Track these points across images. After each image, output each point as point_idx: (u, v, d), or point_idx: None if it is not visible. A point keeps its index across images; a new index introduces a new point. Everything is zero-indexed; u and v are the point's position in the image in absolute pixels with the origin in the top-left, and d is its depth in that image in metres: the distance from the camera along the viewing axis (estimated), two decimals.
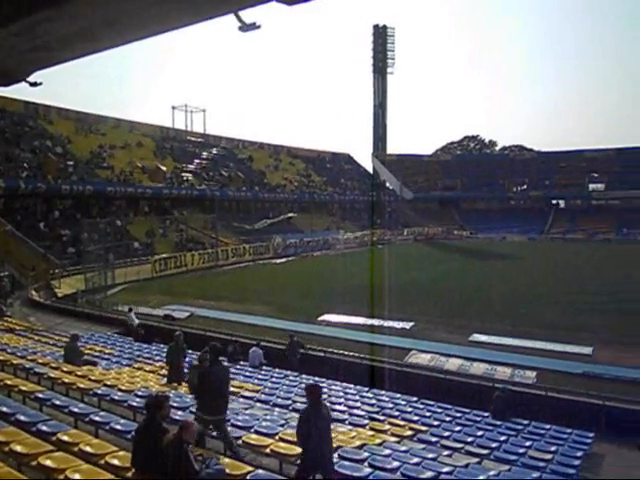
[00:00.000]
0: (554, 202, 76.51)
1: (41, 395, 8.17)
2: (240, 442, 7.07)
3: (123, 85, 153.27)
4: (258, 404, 10.06)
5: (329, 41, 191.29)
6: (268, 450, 6.78)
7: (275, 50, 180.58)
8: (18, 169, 36.80)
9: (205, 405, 6.93)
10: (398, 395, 11.99)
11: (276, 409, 9.71)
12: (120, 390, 9.30)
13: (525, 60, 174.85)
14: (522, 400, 11.55)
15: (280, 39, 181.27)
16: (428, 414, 10.69)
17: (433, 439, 8.80)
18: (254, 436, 7.24)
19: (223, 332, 17.27)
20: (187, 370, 10.43)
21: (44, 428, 6.29)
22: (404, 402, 11.50)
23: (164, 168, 48.64)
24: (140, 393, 9.02)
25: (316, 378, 12.87)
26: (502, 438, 9.22)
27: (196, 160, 57.71)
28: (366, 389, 12.41)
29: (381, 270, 31.79)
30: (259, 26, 4.59)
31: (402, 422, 9.81)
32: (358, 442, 7.87)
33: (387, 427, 9.29)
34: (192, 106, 68.56)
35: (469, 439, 8.96)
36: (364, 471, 6.25)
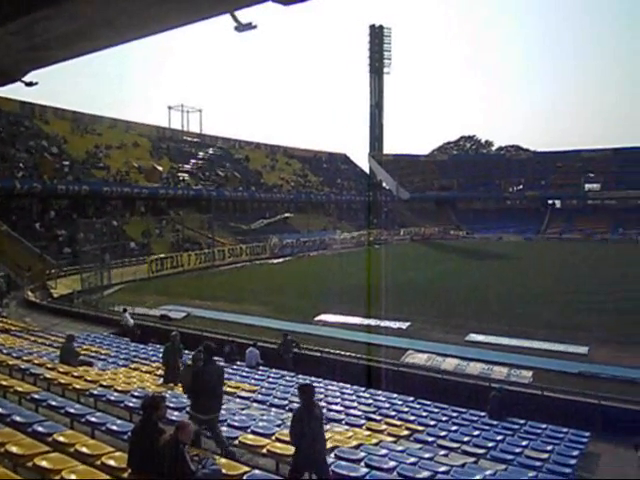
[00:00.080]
0: (550, 202, 76.64)
1: (37, 396, 8.14)
2: (237, 442, 7.07)
3: (121, 85, 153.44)
4: (255, 404, 10.06)
5: (325, 41, 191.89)
6: (264, 450, 6.78)
7: (271, 50, 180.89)
8: (14, 169, 36.67)
9: (199, 404, 6.94)
10: (395, 395, 12.03)
11: (273, 409, 9.71)
12: (116, 391, 9.28)
13: (522, 60, 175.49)
14: (518, 400, 11.57)
15: (277, 39, 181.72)
16: (425, 414, 10.71)
17: (430, 439, 8.82)
18: (250, 436, 7.24)
19: (220, 332, 17.26)
20: (181, 369, 10.41)
21: (40, 429, 6.27)
22: (401, 402, 11.53)
23: (160, 168, 48.53)
24: (136, 394, 9.00)
25: (313, 378, 12.89)
26: (498, 438, 9.26)
27: (192, 160, 57.61)
28: (363, 389, 12.44)
29: (378, 270, 31.85)
30: (255, 26, 4.61)
31: (399, 422, 9.84)
32: (355, 442, 7.88)
33: (384, 427, 9.31)
34: (188, 106, 68.72)
35: (465, 439, 8.99)
36: (361, 471, 6.26)
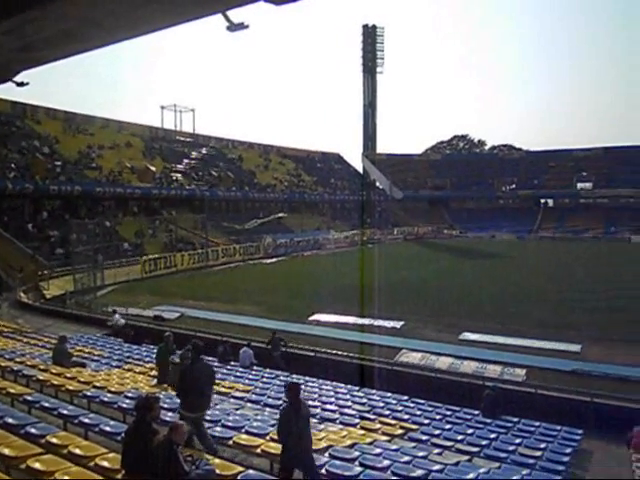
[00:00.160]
0: (543, 201, 76.92)
1: (30, 397, 8.11)
2: (231, 442, 7.07)
3: (113, 85, 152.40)
4: (249, 404, 10.06)
5: (318, 41, 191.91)
6: (259, 450, 6.79)
7: (264, 50, 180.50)
8: (5, 169, 36.43)
9: (186, 402, 6.95)
10: (389, 394, 12.05)
11: (267, 409, 9.70)
12: (110, 392, 9.25)
13: (516, 60, 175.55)
14: (512, 398, 11.61)
15: (269, 39, 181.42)
16: (419, 413, 10.74)
17: (424, 437, 8.84)
18: (245, 436, 7.24)
19: (213, 333, 17.22)
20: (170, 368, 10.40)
21: (33, 430, 6.24)
22: (395, 401, 11.55)
23: (153, 168, 48.33)
24: (130, 394, 8.98)
25: (307, 377, 12.91)
26: (492, 436, 9.30)
27: (185, 160, 57.44)
28: (357, 388, 12.46)
29: (371, 269, 31.89)
30: (247, 26, 4.61)
31: (393, 421, 9.86)
32: (349, 441, 7.90)
33: (378, 426, 9.33)
34: (181, 106, 68.31)
35: (459, 437, 9.02)
36: (355, 470, 6.27)
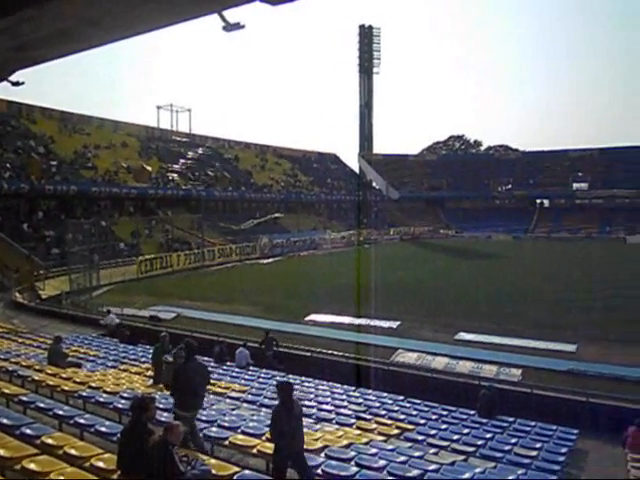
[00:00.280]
0: (538, 201, 77.11)
1: (25, 398, 8.09)
2: (227, 442, 7.06)
3: (110, 84, 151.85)
4: (245, 404, 10.07)
5: (315, 41, 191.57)
6: (255, 450, 6.79)
7: (261, 50, 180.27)
8: (1, 169, 36.29)
9: (180, 401, 6.94)
10: (385, 394, 12.05)
11: (263, 409, 9.70)
12: (105, 392, 9.24)
13: (513, 60, 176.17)
14: (508, 398, 11.65)
15: (266, 39, 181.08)
16: (415, 412, 10.75)
17: (419, 437, 8.86)
18: (241, 436, 7.25)
19: (210, 333, 17.20)
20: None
21: (28, 431, 6.22)
22: (391, 401, 11.56)
23: (149, 168, 48.24)
24: (126, 395, 8.97)
25: (303, 378, 12.92)
26: (488, 435, 9.32)
27: (182, 160, 57.34)
28: (353, 388, 12.47)
29: (367, 270, 31.81)
30: (243, 26, 4.60)
31: (389, 421, 9.87)
32: (345, 441, 7.91)
33: (374, 426, 9.34)
34: (178, 106, 68.13)
35: (455, 437, 9.03)
36: (351, 470, 6.28)
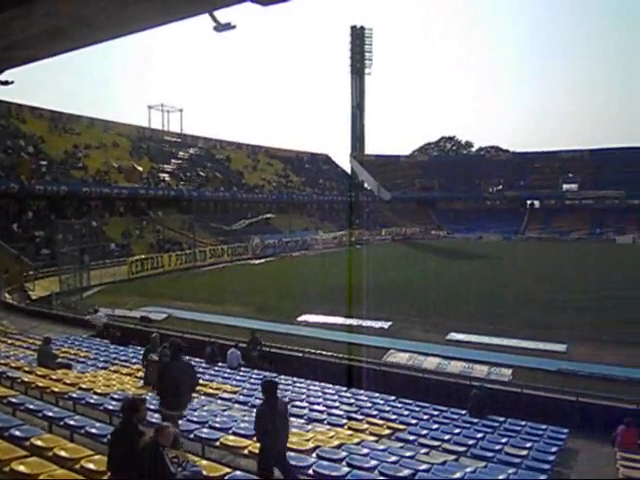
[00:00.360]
0: (529, 202, 77.54)
1: (14, 399, 8.04)
2: (218, 443, 7.05)
3: (102, 83, 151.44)
4: (236, 405, 10.04)
5: (306, 42, 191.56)
6: (246, 451, 6.78)
7: (253, 50, 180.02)
8: None
9: (166, 400, 6.93)
10: (376, 394, 12.06)
11: (254, 410, 9.66)
12: (96, 393, 9.19)
13: (506, 61, 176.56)
14: (498, 397, 11.70)
15: (258, 40, 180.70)
16: (406, 413, 10.77)
17: (411, 437, 8.87)
18: (232, 437, 7.24)
19: (201, 333, 17.15)
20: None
21: (17, 433, 6.18)
22: (382, 401, 11.57)
23: (140, 168, 48.01)
24: (116, 396, 8.93)
25: (295, 378, 12.92)
26: (479, 435, 9.35)
27: (173, 160, 57.12)
28: (344, 389, 12.46)
29: (359, 270, 31.87)
30: (234, 26, 4.60)
31: (380, 421, 9.88)
32: (336, 442, 7.91)
33: (365, 426, 9.34)
34: (169, 106, 67.89)
35: (446, 437, 9.06)
36: (342, 470, 6.28)
